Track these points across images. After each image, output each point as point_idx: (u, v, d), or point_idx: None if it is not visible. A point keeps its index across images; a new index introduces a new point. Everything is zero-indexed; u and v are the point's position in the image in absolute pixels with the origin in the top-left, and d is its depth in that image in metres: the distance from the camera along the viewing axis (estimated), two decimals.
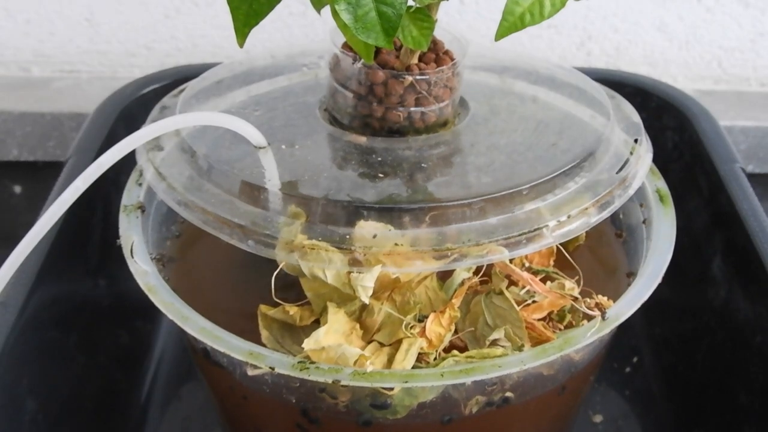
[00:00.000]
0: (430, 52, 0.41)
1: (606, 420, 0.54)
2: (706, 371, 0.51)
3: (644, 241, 0.43)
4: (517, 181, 0.38)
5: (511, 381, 0.38)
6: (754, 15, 0.73)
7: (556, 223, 0.37)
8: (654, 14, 0.73)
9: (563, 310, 0.38)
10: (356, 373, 0.34)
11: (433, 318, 0.37)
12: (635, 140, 0.43)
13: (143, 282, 0.39)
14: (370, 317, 0.37)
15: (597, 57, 0.75)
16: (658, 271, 0.40)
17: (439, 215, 0.37)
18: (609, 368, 0.57)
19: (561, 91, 0.46)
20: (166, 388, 0.56)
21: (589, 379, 0.45)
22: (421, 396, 0.37)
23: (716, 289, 0.51)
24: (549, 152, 0.41)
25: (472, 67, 0.47)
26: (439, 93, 0.41)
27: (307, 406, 0.38)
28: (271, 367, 0.35)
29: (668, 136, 0.59)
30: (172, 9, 0.72)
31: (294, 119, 0.43)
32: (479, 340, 0.38)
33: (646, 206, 0.45)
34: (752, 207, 0.49)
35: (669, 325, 0.57)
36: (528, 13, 0.36)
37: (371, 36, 0.35)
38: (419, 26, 0.37)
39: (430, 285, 0.38)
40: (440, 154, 0.41)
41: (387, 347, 0.37)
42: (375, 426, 0.38)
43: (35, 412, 0.42)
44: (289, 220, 0.37)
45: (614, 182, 0.40)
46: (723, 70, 0.76)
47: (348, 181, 0.39)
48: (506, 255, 0.36)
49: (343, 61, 0.41)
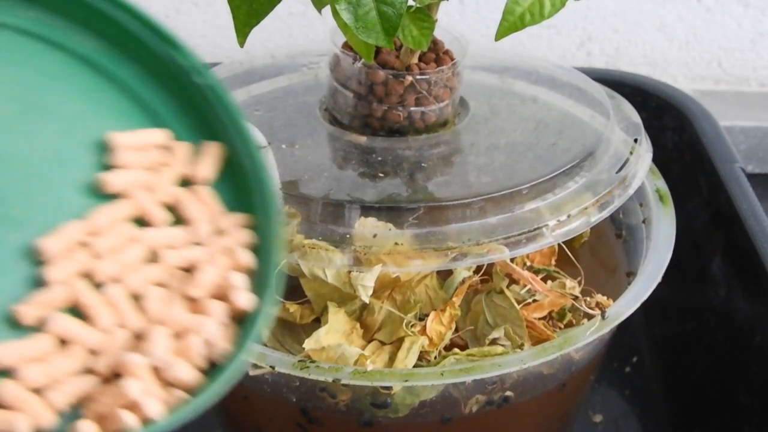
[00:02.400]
0: (430, 52, 0.41)
1: (606, 420, 0.54)
2: (706, 371, 0.51)
3: (644, 240, 0.43)
4: (517, 180, 0.38)
5: (511, 380, 0.38)
6: (754, 15, 0.73)
7: (556, 222, 0.37)
8: (654, 14, 0.73)
9: (563, 309, 0.39)
10: (356, 372, 0.34)
11: (434, 316, 0.37)
12: (635, 140, 0.43)
13: None
14: (371, 316, 0.37)
15: (597, 57, 0.75)
16: (658, 271, 0.40)
17: (439, 215, 0.37)
18: (609, 368, 0.57)
19: (561, 91, 0.46)
20: None
21: (589, 378, 0.45)
22: (422, 394, 0.37)
23: (716, 289, 0.51)
24: (549, 152, 0.41)
25: (472, 67, 0.47)
26: (439, 93, 0.41)
27: (308, 406, 0.39)
28: (271, 366, 0.35)
29: (668, 136, 0.59)
30: (172, 9, 0.72)
31: (294, 119, 0.43)
32: (479, 338, 0.38)
33: (645, 206, 0.45)
34: (752, 207, 0.49)
35: (669, 324, 0.57)
36: (528, 13, 0.36)
37: (372, 36, 0.35)
38: (419, 26, 0.37)
39: (431, 284, 0.38)
40: (440, 154, 0.41)
41: (388, 346, 0.37)
42: (375, 425, 0.38)
43: None
44: (285, 220, 0.37)
45: (614, 182, 0.40)
46: (723, 70, 0.76)
47: (348, 180, 0.39)
48: (506, 254, 0.36)
49: (343, 60, 0.41)
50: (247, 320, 0.22)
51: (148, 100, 0.24)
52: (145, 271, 0.22)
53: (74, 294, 0.21)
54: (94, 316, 0.21)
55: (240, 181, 0.24)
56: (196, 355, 0.20)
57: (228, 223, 0.23)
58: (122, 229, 0.22)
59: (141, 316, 0.21)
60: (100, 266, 0.21)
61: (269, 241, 0.23)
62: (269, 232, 0.23)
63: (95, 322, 0.21)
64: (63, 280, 0.21)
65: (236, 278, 0.22)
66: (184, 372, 0.20)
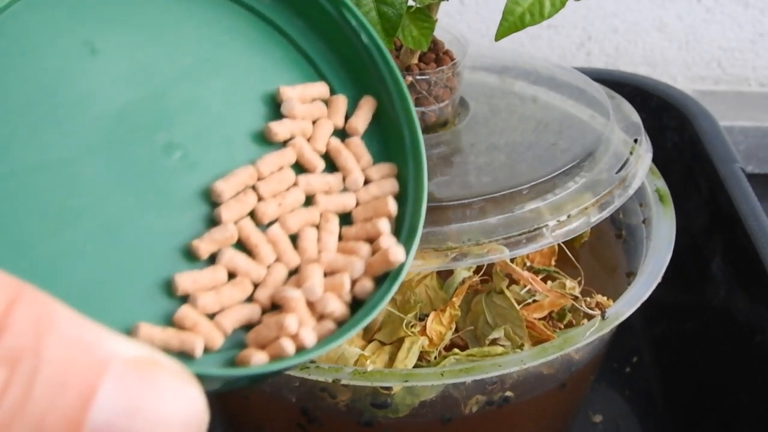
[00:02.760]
0: (430, 52, 0.41)
1: (606, 420, 0.54)
2: (706, 371, 0.51)
3: (644, 240, 0.43)
4: (517, 180, 0.38)
5: (511, 380, 0.38)
6: (753, 15, 0.73)
7: (556, 222, 0.37)
8: (653, 14, 0.73)
9: (563, 309, 0.39)
10: (356, 373, 0.34)
11: (434, 316, 0.37)
12: (635, 140, 0.43)
13: None
14: None
15: (597, 57, 0.75)
16: (658, 271, 0.40)
17: (439, 215, 0.37)
18: (609, 368, 0.57)
19: (561, 91, 0.46)
20: None
21: (589, 378, 0.45)
22: (422, 395, 0.37)
23: (716, 289, 0.51)
24: (549, 152, 0.41)
25: (472, 67, 0.47)
26: (439, 93, 0.41)
27: (308, 406, 0.39)
28: None
29: (668, 136, 0.59)
30: None
31: None
32: (480, 339, 0.38)
33: (645, 206, 0.45)
34: (752, 207, 0.49)
35: (669, 325, 0.57)
36: (528, 13, 0.36)
37: None
38: (419, 26, 0.37)
39: (431, 284, 0.38)
40: (440, 154, 0.41)
41: (388, 346, 0.37)
42: (375, 425, 0.38)
43: None
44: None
45: (614, 182, 0.40)
46: (723, 70, 0.76)
47: None
48: (506, 254, 0.36)
49: None
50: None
51: (312, 55, 0.26)
52: (302, 213, 0.24)
53: (242, 232, 0.23)
54: (258, 253, 0.23)
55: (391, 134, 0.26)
56: (345, 292, 0.23)
57: (377, 174, 0.25)
58: (284, 175, 0.24)
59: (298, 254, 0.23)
60: (265, 208, 0.23)
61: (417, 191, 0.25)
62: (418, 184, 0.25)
63: (259, 258, 0.23)
64: (233, 220, 0.23)
65: (383, 224, 0.24)
66: (335, 306, 0.22)
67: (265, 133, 0.25)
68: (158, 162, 0.23)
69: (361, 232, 0.24)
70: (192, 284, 0.22)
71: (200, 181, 0.23)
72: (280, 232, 0.23)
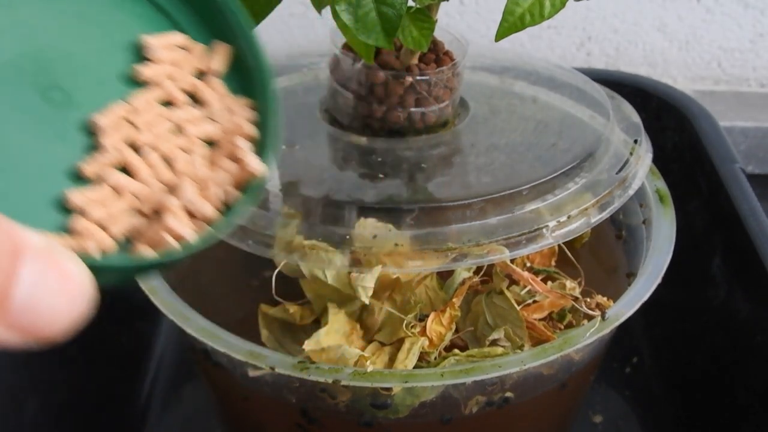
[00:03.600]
0: (430, 53, 0.41)
1: (606, 420, 0.54)
2: (706, 371, 0.51)
3: (644, 241, 0.43)
4: (517, 181, 0.38)
5: (511, 381, 0.38)
6: (753, 15, 0.73)
7: (556, 223, 0.37)
8: (654, 15, 0.73)
9: (564, 309, 0.39)
10: (356, 373, 0.34)
11: (434, 317, 0.37)
12: (635, 140, 0.43)
13: (144, 282, 0.39)
14: (371, 317, 0.37)
15: (597, 57, 0.75)
16: (658, 272, 0.40)
17: (439, 215, 0.37)
18: (609, 368, 0.57)
19: (561, 91, 0.46)
20: (167, 388, 0.56)
21: (589, 378, 0.45)
22: (422, 395, 0.37)
23: (716, 289, 0.51)
24: (549, 152, 0.41)
25: (472, 67, 0.47)
26: (439, 93, 0.41)
27: (308, 406, 0.39)
28: (271, 367, 0.35)
29: (668, 137, 0.59)
30: None
31: (294, 120, 0.43)
32: (480, 339, 0.38)
33: (646, 206, 0.45)
34: (752, 207, 0.49)
35: (669, 325, 0.57)
36: (528, 14, 0.36)
37: (371, 36, 0.35)
38: (419, 27, 0.37)
39: (431, 285, 0.38)
40: (440, 155, 0.41)
41: (388, 347, 0.37)
42: (375, 426, 0.38)
43: (35, 412, 0.42)
44: (284, 221, 0.37)
45: (614, 182, 0.40)
46: (722, 70, 0.76)
47: (348, 181, 0.39)
48: (506, 255, 0.36)
49: (343, 61, 0.41)
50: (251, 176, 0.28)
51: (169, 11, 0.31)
52: (173, 140, 0.28)
53: (122, 156, 0.27)
54: (137, 173, 0.27)
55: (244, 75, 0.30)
56: (215, 199, 0.27)
57: (235, 105, 0.30)
58: (154, 109, 0.28)
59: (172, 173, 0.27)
60: (140, 136, 0.27)
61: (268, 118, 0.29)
62: (268, 111, 0.29)
63: (139, 176, 0.27)
64: (113, 146, 0.27)
65: (243, 142, 0.28)
66: (208, 209, 0.26)
67: (134, 75, 0.28)
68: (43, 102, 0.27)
69: (224, 152, 0.28)
70: (83, 199, 0.25)
71: (82, 116, 0.27)
72: (156, 156, 0.27)
